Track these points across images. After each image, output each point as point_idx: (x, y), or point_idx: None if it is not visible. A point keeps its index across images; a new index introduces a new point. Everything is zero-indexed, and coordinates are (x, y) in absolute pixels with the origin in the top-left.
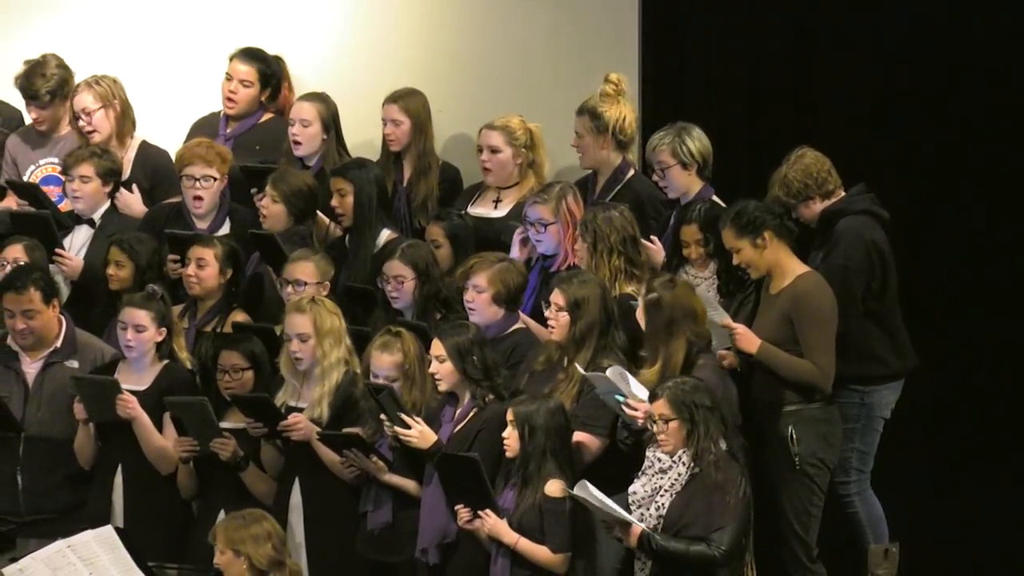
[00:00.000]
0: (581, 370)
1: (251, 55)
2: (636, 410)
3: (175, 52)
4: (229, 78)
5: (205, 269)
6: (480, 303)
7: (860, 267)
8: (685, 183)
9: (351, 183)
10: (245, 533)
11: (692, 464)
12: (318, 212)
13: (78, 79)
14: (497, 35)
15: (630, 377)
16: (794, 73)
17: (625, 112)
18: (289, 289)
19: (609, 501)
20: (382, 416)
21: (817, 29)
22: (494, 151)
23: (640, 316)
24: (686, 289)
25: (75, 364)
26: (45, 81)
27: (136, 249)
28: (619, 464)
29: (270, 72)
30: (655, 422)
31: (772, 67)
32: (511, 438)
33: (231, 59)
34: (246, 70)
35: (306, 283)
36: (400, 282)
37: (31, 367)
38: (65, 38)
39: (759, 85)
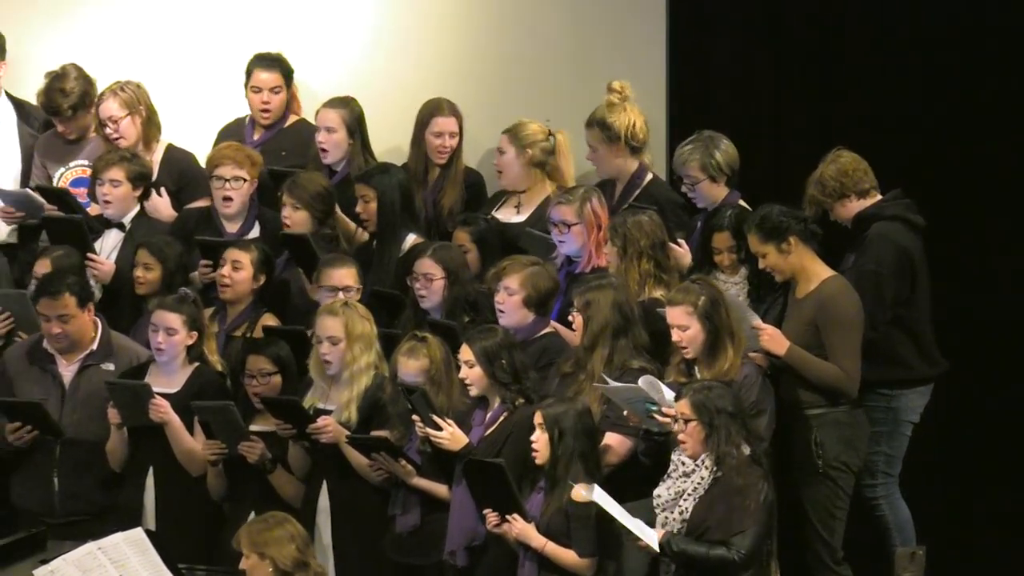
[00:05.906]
0: (611, 382)
1: (270, 61)
2: (669, 417)
3: (199, 57)
4: (257, 89)
5: (240, 272)
6: (510, 305)
7: (891, 272)
8: (715, 194)
9: (374, 189)
10: (269, 536)
11: (714, 468)
12: (342, 215)
13: (103, 84)
14: (523, 41)
15: (662, 385)
16: (819, 76)
17: (633, 118)
18: (328, 295)
19: (620, 509)
20: (414, 417)
21: (842, 33)
22: (501, 152)
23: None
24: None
25: (111, 367)
26: (65, 97)
27: (165, 252)
28: (644, 466)
29: (291, 71)
30: (677, 421)
31: (798, 70)
32: (540, 442)
33: (251, 70)
34: (272, 77)
35: (351, 287)
36: (429, 280)
37: (67, 370)
38: (89, 43)
39: (785, 88)
